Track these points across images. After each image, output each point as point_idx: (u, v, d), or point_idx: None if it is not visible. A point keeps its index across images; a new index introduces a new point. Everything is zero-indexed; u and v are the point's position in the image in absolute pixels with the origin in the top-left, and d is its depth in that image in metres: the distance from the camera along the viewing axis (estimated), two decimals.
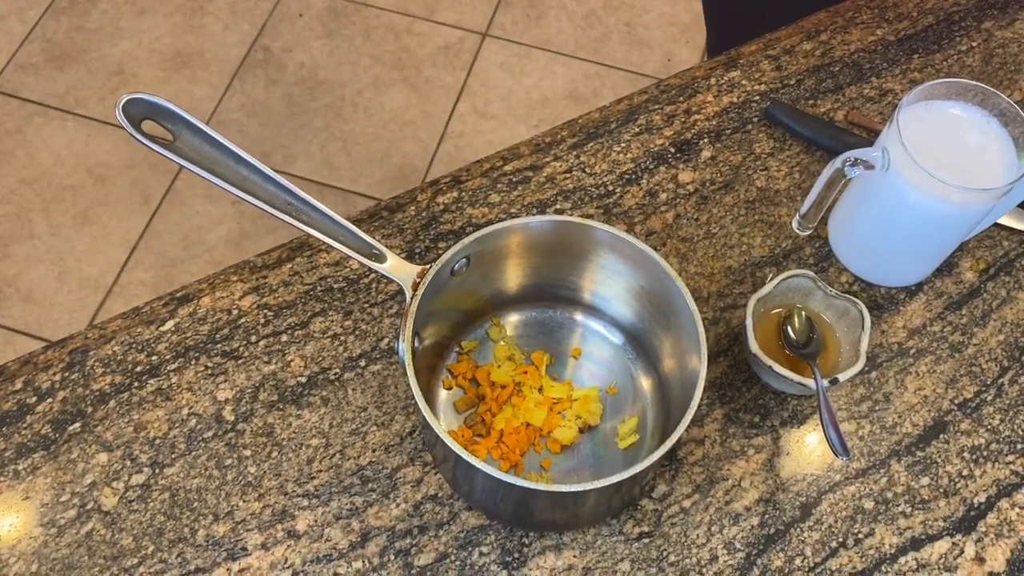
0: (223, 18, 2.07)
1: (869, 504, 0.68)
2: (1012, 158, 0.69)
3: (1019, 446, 0.71)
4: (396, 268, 0.64)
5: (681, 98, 0.87)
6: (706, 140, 0.84)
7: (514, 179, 0.82)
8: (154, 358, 0.72)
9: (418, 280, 0.63)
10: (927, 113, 0.71)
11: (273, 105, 1.96)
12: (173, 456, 0.68)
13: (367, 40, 2.06)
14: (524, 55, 2.06)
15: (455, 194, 0.81)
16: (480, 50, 2.06)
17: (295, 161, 1.88)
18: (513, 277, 0.71)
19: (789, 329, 0.72)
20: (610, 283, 0.70)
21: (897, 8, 0.93)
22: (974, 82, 0.70)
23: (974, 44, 0.90)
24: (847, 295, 0.71)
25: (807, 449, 0.70)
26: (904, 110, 0.70)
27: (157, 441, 0.68)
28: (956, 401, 0.72)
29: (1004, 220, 0.81)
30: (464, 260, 0.65)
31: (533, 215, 0.78)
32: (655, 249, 0.78)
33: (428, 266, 0.63)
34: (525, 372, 0.71)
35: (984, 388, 0.73)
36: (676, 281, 0.63)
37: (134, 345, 0.72)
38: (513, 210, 0.80)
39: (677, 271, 0.76)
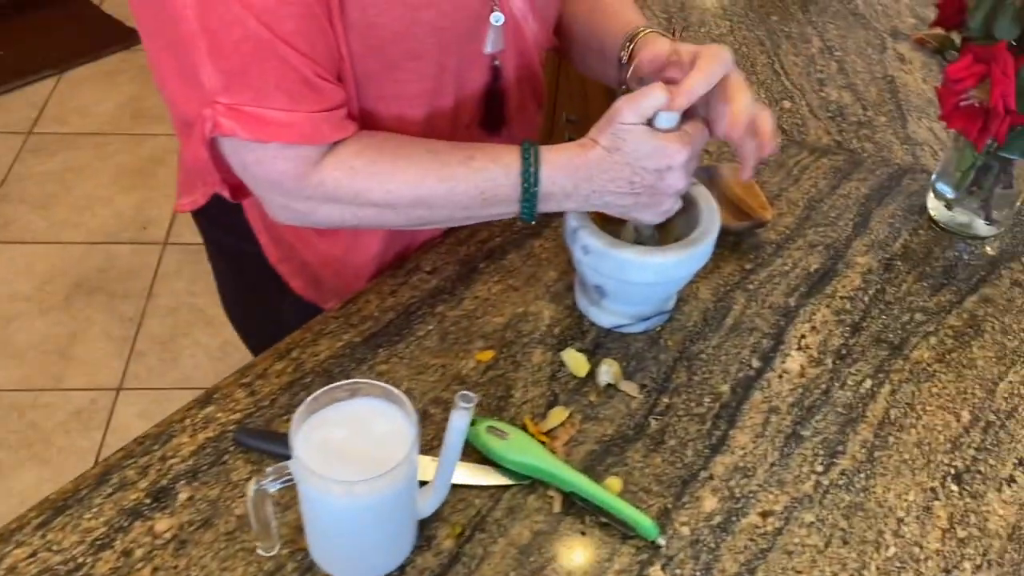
0: None
1: None
2: (413, 433, 0.76)
3: None
4: None
5: (156, 446, 0.89)
6: (183, 482, 0.86)
7: None
8: None
9: None
10: (336, 414, 0.77)
11: None
12: None
13: None
14: (163, 398, 2.05)
15: None
16: (115, 405, 2.03)
17: None
18: None
19: None
20: None
21: (361, 312, 1.03)
22: (365, 380, 0.78)
23: (430, 327, 1.02)
24: None
25: None
26: (307, 421, 0.75)
27: None
28: None
29: (468, 479, 0.87)
30: None
31: None
32: None
33: None
34: None
35: None
36: None
37: None
38: None
39: None
